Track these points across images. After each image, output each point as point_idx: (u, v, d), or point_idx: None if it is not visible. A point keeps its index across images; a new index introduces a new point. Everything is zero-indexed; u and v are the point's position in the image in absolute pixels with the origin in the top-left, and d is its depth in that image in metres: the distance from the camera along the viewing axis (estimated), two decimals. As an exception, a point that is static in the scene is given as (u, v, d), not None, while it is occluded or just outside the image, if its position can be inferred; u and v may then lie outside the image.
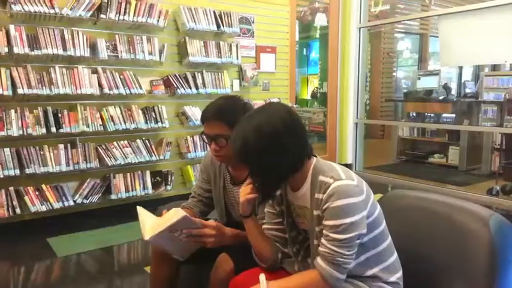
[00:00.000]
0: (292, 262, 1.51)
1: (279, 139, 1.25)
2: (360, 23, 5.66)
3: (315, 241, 1.32)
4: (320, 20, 8.14)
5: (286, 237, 1.50)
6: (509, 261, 1.27)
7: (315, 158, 1.37)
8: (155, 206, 2.51)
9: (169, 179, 4.04)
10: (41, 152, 3.38)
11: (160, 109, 3.94)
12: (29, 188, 3.37)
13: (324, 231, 1.25)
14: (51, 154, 3.42)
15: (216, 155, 1.73)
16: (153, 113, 3.91)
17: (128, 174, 3.82)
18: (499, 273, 1.25)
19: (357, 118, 5.83)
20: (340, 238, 1.21)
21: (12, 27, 3.19)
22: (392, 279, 1.34)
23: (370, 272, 1.32)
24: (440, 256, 1.38)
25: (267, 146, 1.25)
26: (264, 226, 1.53)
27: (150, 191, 3.90)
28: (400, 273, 1.37)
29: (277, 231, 1.51)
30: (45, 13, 3.28)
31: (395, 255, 1.38)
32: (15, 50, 3.19)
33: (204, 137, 1.73)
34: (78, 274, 2.83)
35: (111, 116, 3.66)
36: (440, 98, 6.34)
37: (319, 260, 1.26)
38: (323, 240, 1.25)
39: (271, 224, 1.52)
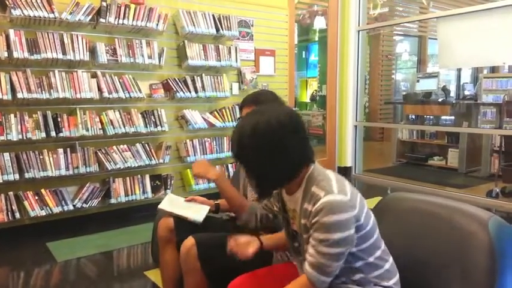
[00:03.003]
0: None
1: (274, 140, 1.25)
2: (358, 25, 5.67)
3: (305, 246, 1.33)
4: (319, 23, 8.16)
5: (274, 209, 1.56)
6: (509, 263, 1.27)
7: (312, 164, 1.35)
8: (154, 210, 2.50)
9: (168, 183, 4.04)
10: (41, 157, 3.38)
11: (159, 113, 3.94)
12: (28, 192, 3.37)
13: (312, 241, 1.24)
14: (51, 158, 3.42)
15: None
16: (152, 117, 3.91)
17: (128, 178, 3.81)
18: (499, 275, 1.25)
19: (356, 121, 5.83)
20: (329, 252, 1.21)
21: (11, 32, 3.20)
22: (387, 284, 1.33)
23: (363, 279, 1.32)
24: (440, 258, 1.38)
25: (261, 145, 1.25)
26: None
27: (149, 195, 3.90)
28: (395, 279, 1.36)
29: (268, 202, 1.58)
30: (45, 17, 3.29)
31: (390, 261, 1.37)
32: (15, 54, 3.19)
33: None
34: (77, 279, 2.83)
35: (111, 120, 3.66)
36: (440, 100, 6.34)
37: (307, 266, 1.26)
38: (311, 250, 1.25)
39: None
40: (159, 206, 2.11)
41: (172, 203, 2.14)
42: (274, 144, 1.25)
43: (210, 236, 1.83)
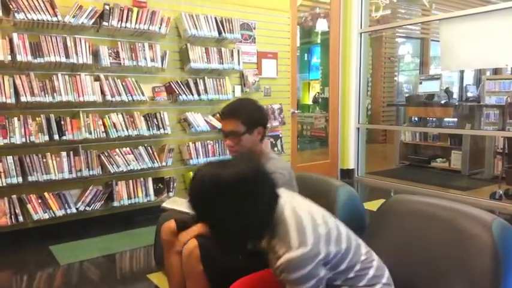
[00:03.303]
0: None
1: (228, 202, 1.20)
2: (361, 28, 5.68)
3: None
4: (321, 25, 8.16)
5: None
6: (513, 266, 1.26)
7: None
8: (157, 213, 2.51)
9: (171, 186, 4.04)
10: (44, 160, 3.39)
11: (162, 115, 3.95)
12: (31, 195, 3.38)
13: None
14: (54, 162, 3.43)
15: (230, 149, 1.92)
16: (155, 120, 3.92)
17: (130, 181, 3.82)
18: (502, 278, 1.24)
19: (359, 123, 5.83)
20: None
21: (15, 36, 3.21)
22: None
23: None
24: (443, 261, 1.37)
25: (214, 203, 1.20)
26: None
27: (152, 197, 3.90)
28: (385, 278, 1.36)
29: None
30: (48, 21, 3.31)
31: (375, 265, 1.36)
32: (18, 57, 3.20)
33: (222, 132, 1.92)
34: (81, 282, 2.83)
35: (114, 123, 3.67)
36: (442, 102, 6.34)
37: None
38: None
39: None
40: (163, 205, 2.17)
41: (175, 202, 2.20)
42: (228, 205, 1.20)
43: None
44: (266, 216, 1.26)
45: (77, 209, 3.55)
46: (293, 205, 1.30)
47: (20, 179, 3.30)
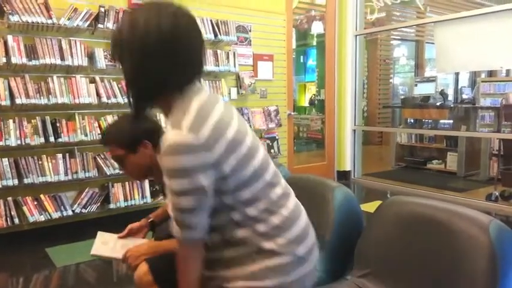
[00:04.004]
0: None
1: (147, 46, 1.09)
2: (356, 30, 5.70)
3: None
4: (317, 27, 8.18)
5: None
6: (509, 267, 1.27)
7: (189, 91, 1.16)
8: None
9: (167, 188, 4.03)
10: (39, 162, 3.38)
11: (159, 118, 3.94)
12: (27, 198, 3.36)
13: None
14: (50, 164, 3.41)
15: (130, 176, 1.92)
16: (151, 122, 3.90)
17: (127, 183, 3.81)
18: (499, 279, 1.25)
19: (355, 125, 5.84)
20: (178, 203, 1.06)
21: (10, 38, 3.20)
22: (268, 245, 1.13)
23: (245, 237, 1.13)
24: (440, 262, 1.38)
25: (136, 45, 1.09)
26: None
27: (148, 199, 3.89)
28: (290, 235, 1.15)
29: None
30: (43, 23, 3.30)
31: (282, 214, 1.16)
32: (13, 60, 3.19)
33: None
34: (77, 284, 2.82)
35: (110, 125, 3.66)
36: (438, 104, 6.36)
37: (173, 222, 1.11)
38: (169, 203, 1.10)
39: None
40: (92, 252, 1.92)
41: (106, 244, 1.99)
42: (146, 50, 1.08)
43: (163, 255, 1.71)
44: (163, 80, 1.12)
45: (73, 211, 3.53)
46: (210, 101, 1.15)
47: (16, 181, 3.28)
